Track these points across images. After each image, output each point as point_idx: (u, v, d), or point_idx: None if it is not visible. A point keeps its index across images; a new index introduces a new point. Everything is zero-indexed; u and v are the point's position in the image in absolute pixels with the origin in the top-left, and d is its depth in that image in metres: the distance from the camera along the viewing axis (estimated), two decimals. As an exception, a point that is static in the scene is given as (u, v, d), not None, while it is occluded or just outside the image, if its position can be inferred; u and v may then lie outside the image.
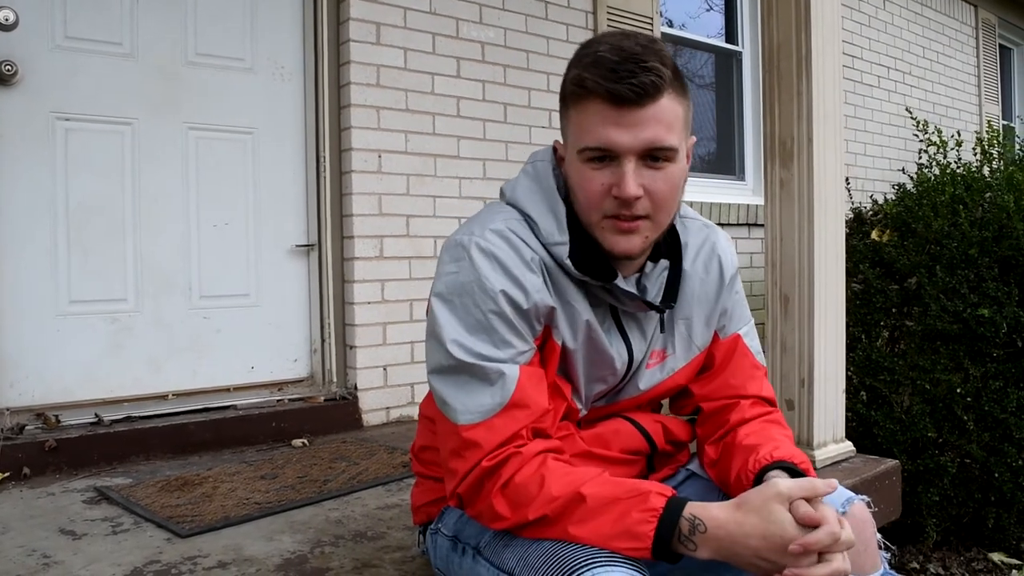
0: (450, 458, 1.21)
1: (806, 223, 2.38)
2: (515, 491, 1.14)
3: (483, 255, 1.21)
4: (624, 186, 1.17)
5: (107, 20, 2.79)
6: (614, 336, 1.34)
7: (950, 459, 2.99)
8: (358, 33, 3.19)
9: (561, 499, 1.11)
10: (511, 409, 1.17)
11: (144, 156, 2.86)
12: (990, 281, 3.07)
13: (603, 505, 1.10)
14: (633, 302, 1.31)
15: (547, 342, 1.27)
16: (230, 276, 3.07)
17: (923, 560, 3.13)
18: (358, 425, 3.16)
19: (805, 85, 2.37)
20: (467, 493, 1.18)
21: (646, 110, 1.15)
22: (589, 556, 1.07)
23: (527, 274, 1.21)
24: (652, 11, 4.28)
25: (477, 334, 1.19)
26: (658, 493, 1.10)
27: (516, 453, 1.16)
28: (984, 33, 7.02)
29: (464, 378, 1.19)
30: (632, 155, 1.17)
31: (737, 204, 4.78)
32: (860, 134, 5.64)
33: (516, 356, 1.20)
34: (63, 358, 2.71)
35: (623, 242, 1.22)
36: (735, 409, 1.38)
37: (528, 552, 1.14)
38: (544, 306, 1.23)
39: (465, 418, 1.18)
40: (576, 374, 1.32)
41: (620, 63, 1.14)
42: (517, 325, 1.20)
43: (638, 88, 1.14)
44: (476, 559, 1.26)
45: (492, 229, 1.24)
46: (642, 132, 1.16)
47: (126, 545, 1.84)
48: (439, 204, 3.41)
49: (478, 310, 1.19)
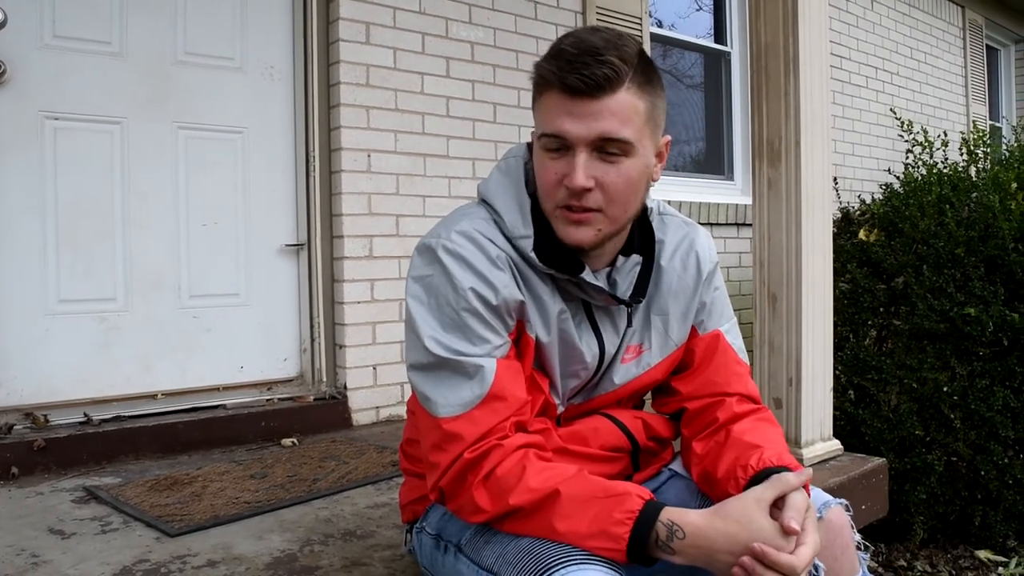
0: (431, 452, 1.22)
1: (794, 223, 2.40)
2: (496, 483, 1.15)
3: (450, 256, 1.23)
4: (573, 176, 1.19)
5: (96, 19, 2.78)
6: (585, 330, 1.35)
7: (937, 457, 3.01)
8: (348, 33, 3.19)
9: (538, 492, 1.12)
10: (490, 401, 1.19)
11: (133, 155, 2.86)
12: (976, 280, 3.09)
13: (580, 503, 1.11)
14: (600, 296, 1.32)
15: (522, 336, 1.28)
16: (220, 275, 3.07)
17: (910, 558, 3.15)
18: (348, 424, 3.16)
19: (792, 86, 2.38)
20: (449, 486, 1.19)
21: (600, 102, 1.17)
22: (564, 554, 1.08)
23: (494, 271, 1.23)
24: (641, 11, 4.29)
25: (452, 332, 1.22)
26: (637, 495, 1.11)
27: (498, 445, 1.17)
28: (971, 34, 7.06)
29: (444, 373, 1.21)
30: (584, 146, 1.19)
31: (726, 204, 4.79)
32: (848, 134, 5.67)
33: (492, 351, 1.22)
34: (52, 357, 2.70)
35: (574, 232, 1.24)
36: (722, 407, 1.38)
37: (506, 549, 1.15)
38: (514, 301, 1.25)
39: (446, 411, 1.20)
40: (552, 368, 1.33)
41: (578, 55, 1.16)
42: (490, 320, 1.22)
43: (590, 80, 1.16)
44: (458, 556, 1.28)
45: (457, 231, 1.26)
46: (594, 123, 1.17)
47: (115, 544, 1.84)
48: (429, 203, 3.41)
49: (451, 309, 1.22)
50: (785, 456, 1.26)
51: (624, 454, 1.41)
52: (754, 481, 1.20)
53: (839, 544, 1.27)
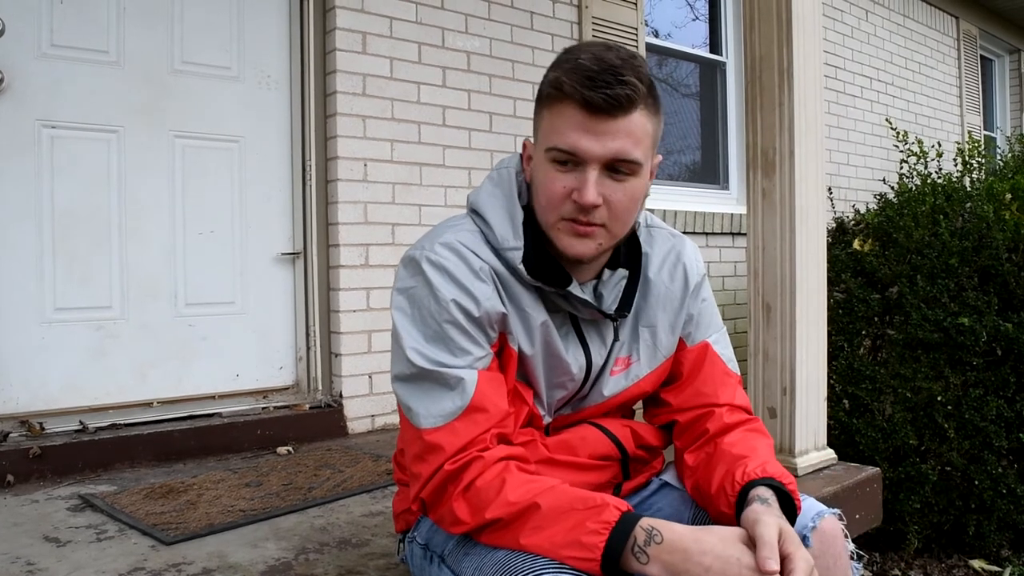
0: (414, 462, 1.23)
1: (788, 232, 2.41)
2: (476, 495, 1.15)
3: (433, 268, 1.25)
4: (584, 192, 1.19)
5: (93, 29, 2.79)
6: (571, 342, 1.35)
7: (931, 467, 3.02)
8: (344, 43, 3.20)
9: (517, 505, 1.13)
10: (471, 413, 1.20)
11: (130, 164, 2.87)
12: (970, 290, 3.11)
13: (557, 515, 1.11)
14: (587, 309, 1.33)
15: (504, 348, 1.29)
16: (216, 284, 3.07)
17: (904, 567, 3.16)
18: (343, 433, 3.16)
19: (787, 97, 2.40)
20: (430, 496, 1.20)
21: (617, 122, 1.18)
22: (537, 567, 1.08)
23: (476, 283, 1.24)
24: (637, 22, 4.31)
25: (434, 343, 1.23)
26: (614, 507, 1.10)
27: (478, 457, 1.17)
28: (966, 44, 7.10)
29: (426, 384, 1.22)
30: (597, 163, 1.19)
31: (721, 213, 4.81)
32: (843, 144, 5.69)
33: (474, 362, 1.23)
34: (48, 365, 2.71)
35: (577, 245, 1.25)
36: (711, 418, 1.38)
37: (483, 561, 1.16)
38: (496, 313, 1.25)
39: (428, 422, 1.21)
40: (536, 380, 1.34)
41: (598, 73, 1.16)
42: (471, 332, 1.23)
43: (612, 100, 1.16)
44: (441, 567, 1.29)
45: (441, 243, 1.27)
46: (610, 142, 1.18)
47: (110, 552, 1.84)
48: (424, 213, 3.42)
49: (433, 320, 1.23)
50: (769, 466, 1.25)
51: (613, 462, 1.42)
52: (742, 495, 1.20)
53: (832, 554, 1.27)
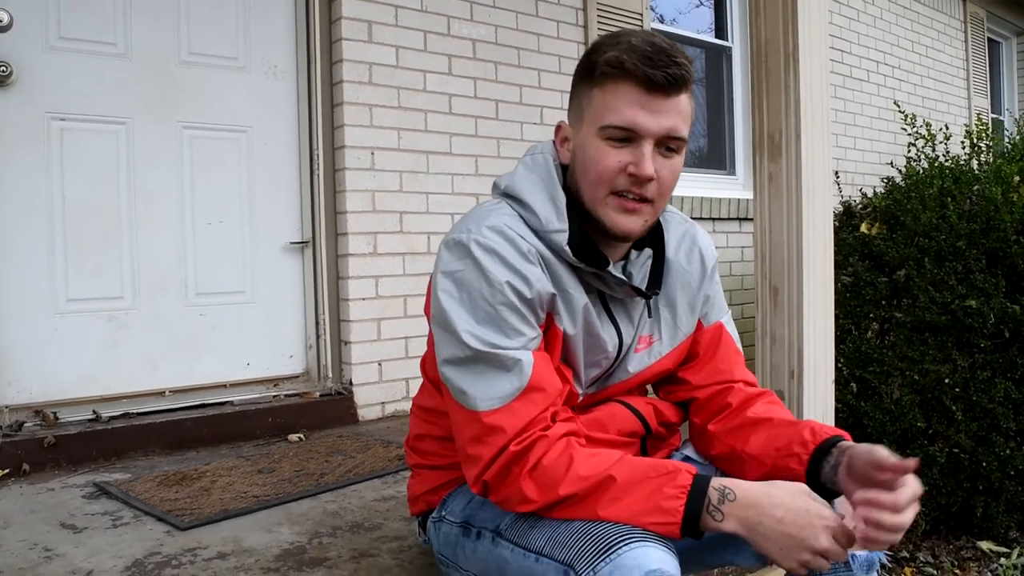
0: (470, 445, 1.24)
1: (795, 216, 2.41)
2: (544, 473, 1.18)
3: (483, 251, 1.25)
4: (643, 165, 1.24)
5: (100, 20, 2.81)
6: (604, 321, 1.39)
7: (939, 449, 3.02)
8: (350, 31, 3.21)
9: (591, 479, 1.16)
10: (530, 393, 1.22)
11: (139, 155, 2.88)
12: (978, 273, 3.10)
13: (633, 484, 1.15)
14: (622, 288, 1.36)
15: (550, 329, 1.31)
16: (225, 274, 3.09)
17: (913, 549, 3.17)
18: (353, 420, 3.19)
19: (792, 80, 2.40)
20: (494, 479, 1.21)
21: (671, 100, 1.24)
22: (624, 532, 1.11)
23: (526, 265, 1.26)
24: (642, 7, 4.30)
25: (487, 325, 1.23)
26: (686, 471, 1.15)
27: (543, 436, 1.20)
28: (973, 27, 7.05)
29: (481, 367, 1.23)
30: (651, 139, 1.25)
31: (728, 198, 4.81)
32: (850, 128, 5.67)
33: (527, 343, 1.25)
34: (61, 356, 2.73)
35: (626, 221, 1.29)
36: (731, 392, 1.46)
37: (557, 532, 1.17)
38: (546, 294, 1.28)
39: (485, 404, 1.22)
40: (576, 359, 1.36)
41: (655, 53, 1.22)
42: (525, 313, 1.25)
43: (671, 78, 1.22)
44: (496, 542, 1.29)
45: (488, 226, 1.28)
46: (665, 119, 1.24)
47: (127, 538, 1.87)
48: (432, 200, 3.43)
49: (486, 303, 1.24)
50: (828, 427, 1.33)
51: (636, 439, 1.46)
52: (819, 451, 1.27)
53: None
